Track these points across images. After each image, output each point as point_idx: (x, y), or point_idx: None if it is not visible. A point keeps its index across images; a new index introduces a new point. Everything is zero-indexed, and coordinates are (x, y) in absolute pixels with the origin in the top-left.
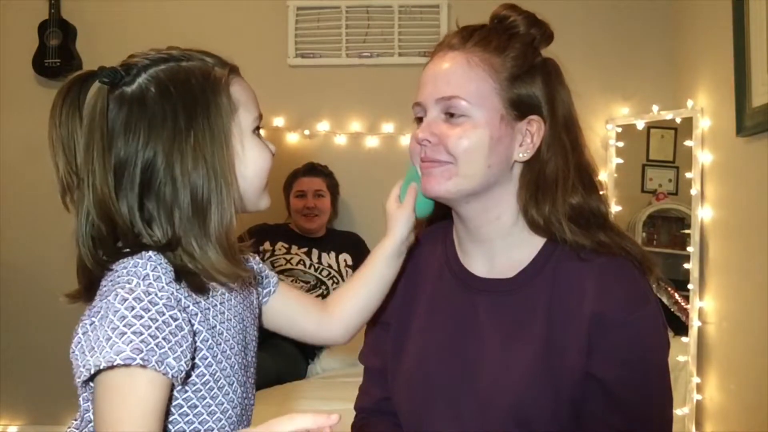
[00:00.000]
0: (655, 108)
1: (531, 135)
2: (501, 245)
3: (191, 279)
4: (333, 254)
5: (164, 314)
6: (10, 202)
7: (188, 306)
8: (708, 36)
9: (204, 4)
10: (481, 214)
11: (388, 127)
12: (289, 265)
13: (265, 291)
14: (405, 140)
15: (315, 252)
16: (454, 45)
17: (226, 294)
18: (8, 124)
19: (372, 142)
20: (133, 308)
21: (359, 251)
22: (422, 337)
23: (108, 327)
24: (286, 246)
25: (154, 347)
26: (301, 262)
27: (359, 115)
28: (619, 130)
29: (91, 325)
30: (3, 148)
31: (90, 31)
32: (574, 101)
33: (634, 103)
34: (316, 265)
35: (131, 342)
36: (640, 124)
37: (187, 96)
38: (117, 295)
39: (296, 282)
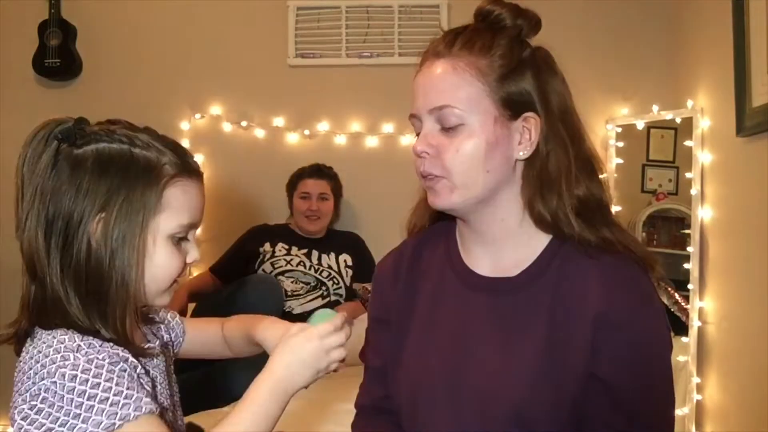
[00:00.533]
0: (655, 108)
1: (528, 132)
2: (509, 245)
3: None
4: (333, 255)
5: (114, 370)
6: (10, 202)
7: (128, 358)
8: (708, 36)
9: (204, 4)
10: (488, 217)
11: (388, 127)
12: (289, 267)
13: (176, 342)
14: (405, 140)
15: (315, 253)
16: (440, 52)
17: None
18: (8, 124)
19: (372, 142)
20: (87, 380)
21: (359, 252)
22: (423, 336)
23: (73, 407)
24: (287, 247)
25: (124, 400)
26: (302, 264)
27: (359, 115)
28: (619, 130)
29: (33, 409)
30: (3, 148)
31: (90, 31)
32: (571, 91)
33: (634, 103)
34: (316, 266)
35: (104, 411)
36: (640, 124)
37: (118, 179)
38: (64, 375)
39: (296, 283)
